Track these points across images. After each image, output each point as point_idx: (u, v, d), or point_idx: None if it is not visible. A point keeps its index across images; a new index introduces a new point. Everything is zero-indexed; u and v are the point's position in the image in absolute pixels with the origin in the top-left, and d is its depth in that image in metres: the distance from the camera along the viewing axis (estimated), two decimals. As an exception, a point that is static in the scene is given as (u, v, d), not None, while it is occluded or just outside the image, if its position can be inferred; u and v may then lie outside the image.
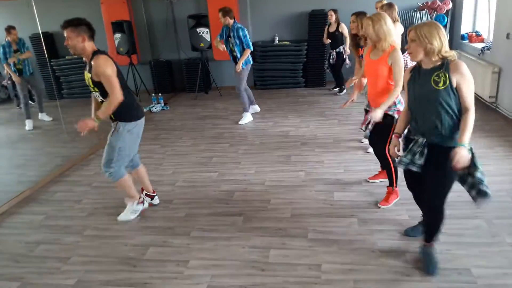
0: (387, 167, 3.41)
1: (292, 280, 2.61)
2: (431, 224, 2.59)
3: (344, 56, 6.94)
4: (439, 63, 2.27)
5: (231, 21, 5.57)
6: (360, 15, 4.21)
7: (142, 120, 3.32)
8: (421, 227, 2.91)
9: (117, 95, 2.98)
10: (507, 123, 5.07)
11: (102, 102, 3.12)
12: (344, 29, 6.77)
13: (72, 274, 2.85)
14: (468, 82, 2.22)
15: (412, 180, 2.68)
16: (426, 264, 2.59)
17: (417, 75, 2.41)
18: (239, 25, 5.59)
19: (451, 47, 6.96)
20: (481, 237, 2.86)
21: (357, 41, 4.36)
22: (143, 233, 3.32)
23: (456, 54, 2.30)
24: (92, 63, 2.94)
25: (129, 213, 3.48)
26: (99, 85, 3.02)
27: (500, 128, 4.93)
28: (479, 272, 2.52)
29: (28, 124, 6.32)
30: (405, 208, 3.31)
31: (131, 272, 2.83)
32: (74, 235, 3.35)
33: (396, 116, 3.18)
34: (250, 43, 5.66)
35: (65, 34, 2.91)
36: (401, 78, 3.07)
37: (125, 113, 3.16)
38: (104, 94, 3.05)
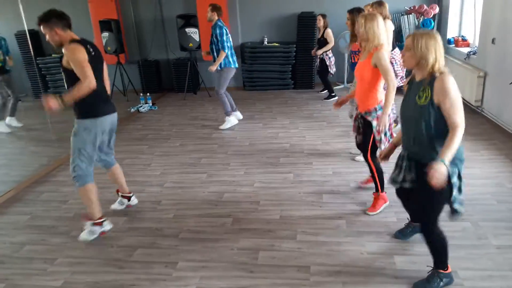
0: (371, 172, 3.38)
1: (281, 282, 2.62)
2: (432, 251, 2.46)
3: (327, 63, 6.88)
4: (428, 77, 2.18)
5: (215, 18, 5.41)
6: (353, 12, 4.21)
7: (105, 118, 3.07)
8: (408, 229, 2.95)
9: (89, 81, 2.82)
10: (492, 126, 5.17)
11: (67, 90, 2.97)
12: (328, 35, 6.73)
13: (58, 276, 2.81)
14: (450, 99, 2.09)
15: (406, 200, 2.67)
16: (422, 285, 2.49)
17: (409, 87, 2.36)
18: (220, 24, 5.38)
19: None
20: (467, 239, 2.91)
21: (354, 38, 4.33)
22: (130, 234, 3.28)
23: (447, 70, 2.17)
24: (63, 50, 2.87)
25: (85, 234, 3.18)
26: (66, 72, 2.91)
27: (485, 131, 5.02)
28: (465, 274, 2.56)
29: (2, 127, 6.05)
30: (393, 210, 3.34)
31: (118, 274, 2.80)
32: (61, 236, 3.30)
33: (374, 123, 3.16)
34: (226, 45, 5.38)
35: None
36: (389, 75, 3.01)
37: (84, 109, 3.00)
38: (69, 82, 2.92)
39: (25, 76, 7.43)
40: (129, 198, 3.65)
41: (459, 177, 2.24)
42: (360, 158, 4.15)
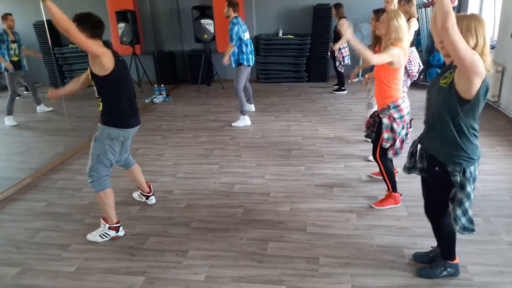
0: (380, 171, 3.34)
1: (290, 273, 2.64)
2: (440, 240, 2.49)
3: (336, 54, 6.80)
4: None
5: (233, 15, 5.37)
6: (379, 12, 4.03)
7: (129, 131, 3.07)
8: (431, 254, 2.66)
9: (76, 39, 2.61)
10: (509, 122, 5.07)
11: (98, 98, 2.98)
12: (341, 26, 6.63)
13: (72, 261, 2.88)
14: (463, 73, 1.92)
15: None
16: (425, 271, 2.52)
17: (441, 72, 2.21)
18: (235, 20, 5.33)
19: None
20: (478, 235, 2.86)
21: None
22: (143, 222, 3.34)
23: (490, 62, 1.97)
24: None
25: (98, 235, 3.12)
26: (95, 78, 2.88)
27: (502, 127, 4.94)
28: (475, 269, 2.54)
29: (8, 121, 6.07)
30: (403, 204, 3.33)
31: (130, 261, 2.86)
32: (75, 223, 3.38)
33: (385, 120, 3.11)
34: (235, 38, 5.30)
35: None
36: (376, 58, 2.91)
37: (111, 116, 2.97)
38: (99, 90, 2.93)
39: (42, 65, 7.55)
40: (147, 197, 3.62)
41: (465, 176, 2.13)
42: (371, 157, 4.14)
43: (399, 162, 3.73)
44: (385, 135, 3.13)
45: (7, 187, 3.98)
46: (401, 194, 3.36)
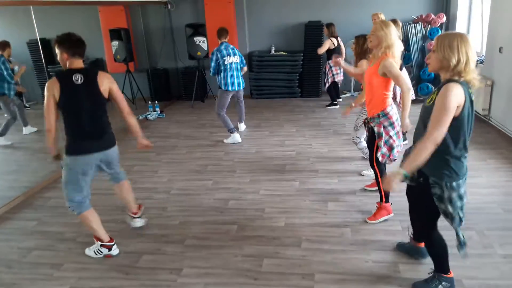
0: (376, 179, 3.38)
1: (285, 289, 2.62)
2: (432, 255, 2.50)
3: (326, 70, 6.97)
4: (446, 79, 2.07)
5: (219, 42, 5.50)
6: (358, 38, 4.07)
7: (84, 158, 2.87)
8: (407, 244, 2.90)
9: (47, 123, 2.79)
10: (500, 135, 5.14)
11: None
12: (325, 44, 6.80)
13: (64, 281, 2.84)
14: (439, 106, 2.01)
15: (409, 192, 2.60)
16: (421, 285, 2.54)
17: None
18: (216, 48, 5.45)
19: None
20: (472, 248, 2.88)
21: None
22: (136, 240, 3.31)
23: (474, 77, 2.05)
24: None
25: (92, 251, 3.12)
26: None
27: (493, 140, 4.99)
28: (470, 283, 2.54)
29: (26, 130, 6.22)
30: (398, 219, 3.33)
31: (124, 280, 2.83)
32: (68, 242, 3.34)
33: (375, 129, 3.17)
34: (213, 66, 5.43)
35: None
36: (400, 79, 2.99)
37: (66, 142, 2.89)
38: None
39: (35, 83, 7.55)
40: (132, 218, 3.45)
41: (446, 191, 2.14)
42: (366, 172, 4.21)
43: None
44: (379, 142, 3.20)
45: (-1, 206, 3.94)
46: (391, 204, 3.37)
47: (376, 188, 3.74)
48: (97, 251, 3.10)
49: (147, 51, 8.51)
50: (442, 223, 2.35)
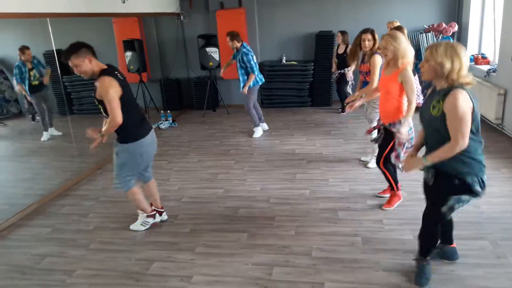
0: (384, 176, 3.57)
1: (295, 298, 2.61)
2: (421, 235, 2.63)
3: (347, 79, 6.96)
4: (446, 88, 2.17)
5: (239, 44, 5.78)
6: (365, 32, 4.33)
7: (144, 139, 3.26)
8: (436, 249, 2.79)
9: (116, 118, 3.00)
10: (513, 144, 5.07)
11: (106, 118, 3.16)
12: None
13: (76, 287, 2.87)
14: (453, 115, 2.11)
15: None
16: (416, 276, 2.66)
17: (431, 93, 2.38)
18: (245, 50, 5.75)
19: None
20: (486, 258, 2.85)
21: (358, 55, 4.49)
22: (147, 247, 3.34)
23: (470, 81, 2.15)
24: (96, 84, 2.99)
25: (140, 224, 3.58)
26: (102, 103, 3.06)
27: (506, 149, 4.93)
28: (483, 293, 2.51)
29: (45, 135, 6.38)
30: (409, 228, 3.31)
31: (135, 286, 2.85)
32: (80, 249, 3.39)
33: (398, 135, 3.26)
34: (255, 67, 5.82)
35: (70, 65, 2.97)
36: (413, 95, 3.18)
37: (124, 134, 3.19)
38: (106, 111, 3.08)
39: (51, 93, 7.70)
40: (160, 213, 3.72)
41: (481, 185, 2.29)
42: (371, 165, 4.35)
43: (409, 186, 3.76)
44: (399, 148, 3.34)
45: (13, 213, 4.01)
46: (401, 185, 3.60)
47: (388, 194, 3.79)
48: (144, 223, 3.54)
49: (160, 62, 8.63)
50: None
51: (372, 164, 4.29)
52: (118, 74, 3.09)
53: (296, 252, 3.12)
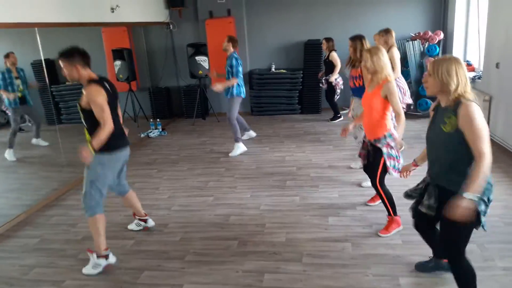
0: (381, 198, 3.40)
1: (286, 304, 2.62)
2: (457, 281, 2.39)
3: (333, 84, 7.02)
4: (453, 103, 2.13)
5: (231, 50, 5.64)
6: (355, 39, 4.39)
7: (119, 153, 3.15)
8: (430, 264, 2.79)
9: (109, 124, 2.93)
10: (499, 149, 5.15)
11: (84, 127, 3.09)
12: (333, 58, 6.89)
13: (65, 298, 2.84)
14: (474, 127, 2.03)
15: (421, 223, 2.57)
16: None
17: (435, 113, 2.32)
18: (235, 56, 5.64)
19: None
20: (473, 261, 2.82)
21: (353, 63, 4.51)
22: (137, 257, 3.32)
23: (473, 95, 2.13)
24: (84, 91, 2.96)
25: (91, 267, 3.12)
26: (85, 112, 3.00)
27: (492, 154, 5.00)
28: (471, 296, 2.53)
29: (9, 155, 6.00)
30: (398, 233, 3.34)
31: (125, 296, 2.83)
32: (69, 259, 3.35)
33: (384, 149, 3.22)
34: (240, 73, 5.63)
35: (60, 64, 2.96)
36: (399, 107, 3.17)
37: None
38: (87, 121, 3.03)
39: (39, 103, 7.65)
40: (145, 221, 3.71)
41: (486, 203, 2.19)
42: (366, 184, 4.17)
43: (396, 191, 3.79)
44: (389, 163, 3.25)
45: (1, 224, 3.95)
46: (400, 217, 3.39)
47: (378, 202, 3.77)
48: (95, 265, 3.10)
49: (149, 70, 8.63)
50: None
51: (367, 183, 4.19)
52: (108, 86, 3.04)
53: (287, 259, 3.13)
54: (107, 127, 2.94)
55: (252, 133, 6.52)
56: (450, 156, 2.17)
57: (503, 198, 3.87)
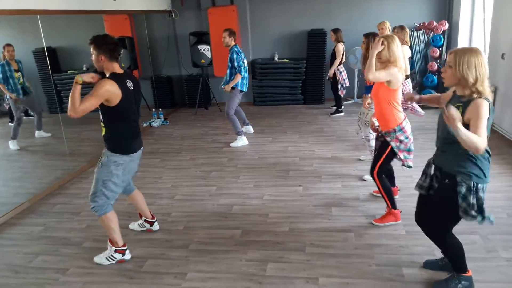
0: (378, 189, 3.39)
1: (289, 293, 2.63)
2: (449, 257, 2.53)
3: (337, 77, 6.88)
4: (467, 95, 2.15)
5: (232, 43, 5.54)
6: (368, 36, 4.21)
7: (135, 155, 3.05)
8: (441, 262, 2.75)
9: (77, 108, 2.66)
10: (503, 141, 5.14)
11: (101, 122, 2.96)
12: (337, 50, 6.73)
13: (70, 285, 2.86)
14: (479, 121, 2.06)
15: (419, 210, 2.59)
16: (440, 286, 2.54)
17: (451, 98, 2.33)
18: (236, 49, 5.50)
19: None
20: (477, 252, 2.89)
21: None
22: (141, 245, 3.33)
23: (489, 91, 2.15)
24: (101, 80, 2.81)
25: (105, 257, 3.11)
26: (101, 106, 2.84)
27: (495, 146, 4.99)
28: (476, 287, 2.53)
29: (12, 144, 6.03)
30: (402, 223, 3.34)
31: (129, 284, 2.84)
32: (73, 247, 3.37)
33: (393, 144, 3.19)
34: (243, 69, 5.51)
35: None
36: (384, 71, 3.08)
37: (116, 142, 2.95)
38: (104, 115, 2.90)
39: (41, 91, 7.63)
40: (151, 224, 3.54)
41: (472, 193, 2.19)
42: (368, 177, 4.18)
43: (401, 182, 3.79)
44: (402, 155, 3.24)
45: (5, 212, 3.97)
46: (401, 211, 3.38)
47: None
48: (110, 257, 3.08)
49: (151, 59, 8.59)
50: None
51: (368, 177, 4.18)
52: (130, 83, 2.91)
53: (290, 248, 3.14)
54: (72, 112, 2.67)
55: (250, 129, 6.34)
56: (450, 140, 2.17)
57: (506, 190, 3.87)
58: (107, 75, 2.85)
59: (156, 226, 3.56)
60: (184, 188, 4.43)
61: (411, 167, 3.32)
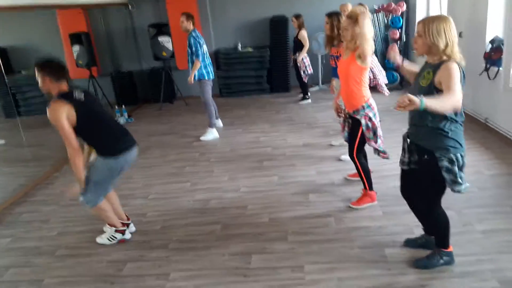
0: (357, 170, 3.42)
1: (276, 284, 2.62)
2: (433, 229, 2.62)
3: (299, 64, 6.84)
4: (437, 61, 2.18)
5: (191, 28, 5.27)
6: (332, 15, 4.19)
7: (125, 155, 3.04)
8: (421, 240, 2.79)
9: (70, 148, 2.79)
10: (467, 118, 5.32)
11: (87, 144, 3.06)
12: (302, 37, 6.70)
13: (46, 297, 2.72)
14: (447, 77, 2.07)
15: (405, 185, 2.62)
16: (422, 262, 2.59)
17: (421, 70, 2.35)
18: (194, 34, 5.26)
19: (407, 47, 7.25)
20: (452, 227, 2.92)
21: (331, 41, 4.33)
22: (117, 249, 3.21)
23: (460, 57, 2.16)
24: (47, 108, 2.78)
25: (106, 238, 3.26)
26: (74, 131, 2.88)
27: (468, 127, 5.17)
28: (456, 260, 2.61)
29: None
30: (378, 204, 3.40)
31: (110, 290, 2.74)
32: (45, 256, 3.20)
33: (363, 121, 3.20)
34: (201, 54, 5.25)
35: None
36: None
37: (102, 149, 2.99)
38: (81, 137, 2.92)
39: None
40: (127, 225, 3.38)
41: (454, 163, 2.23)
42: (345, 157, 4.19)
43: (375, 161, 3.84)
44: (368, 134, 3.24)
45: (-34, 226, 3.73)
46: (376, 193, 3.43)
47: (357, 178, 3.80)
48: (111, 237, 3.25)
49: (110, 54, 8.28)
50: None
51: (345, 156, 4.20)
52: (80, 96, 2.87)
53: (272, 238, 3.13)
54: (70, 149, 2.81)
55: (220, 123, 6.13)
56: (422, 111, 2.08)
57: (474, 164, 4.01)
58: (54, 97, 2.83)
59: (132, 228, 3.44)
60: (157, 186, 4.31)
61: (387, 157, 3.30)
